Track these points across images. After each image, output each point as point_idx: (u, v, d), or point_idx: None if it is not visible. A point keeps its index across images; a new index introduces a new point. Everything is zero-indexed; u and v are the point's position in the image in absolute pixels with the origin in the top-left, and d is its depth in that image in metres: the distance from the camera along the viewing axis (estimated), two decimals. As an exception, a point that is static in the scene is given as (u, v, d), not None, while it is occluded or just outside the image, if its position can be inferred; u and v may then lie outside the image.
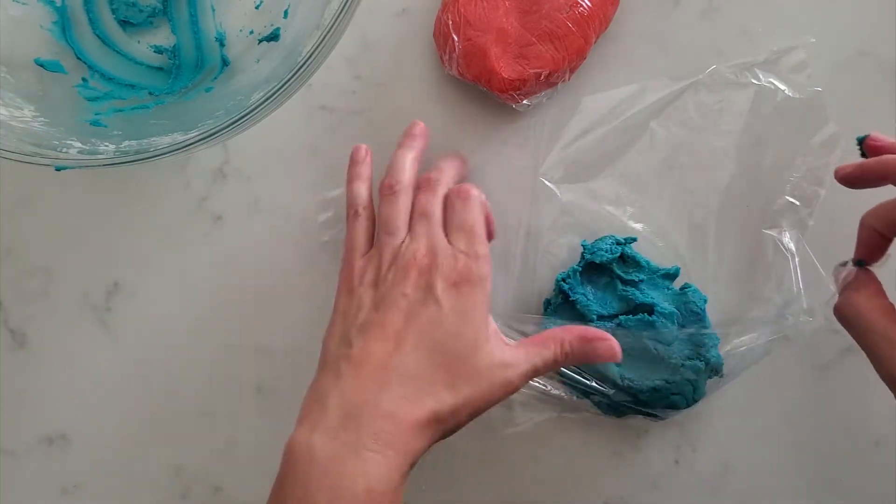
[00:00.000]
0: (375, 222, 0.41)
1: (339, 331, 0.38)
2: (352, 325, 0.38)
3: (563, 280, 0.43)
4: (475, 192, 0.40)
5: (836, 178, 0.38)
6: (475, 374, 0.36)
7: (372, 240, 0.41)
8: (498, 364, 0.36)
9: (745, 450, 0.45)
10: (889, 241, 0.37)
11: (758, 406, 0.45)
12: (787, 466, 0.44)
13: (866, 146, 0.38)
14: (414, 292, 0.37)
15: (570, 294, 0.43)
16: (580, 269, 0.43)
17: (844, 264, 0.38)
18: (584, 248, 0.44)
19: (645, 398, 0.41)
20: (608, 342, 0.38)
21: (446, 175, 0.42)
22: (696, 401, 0.42)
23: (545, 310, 0.44)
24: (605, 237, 0.44)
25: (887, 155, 0.36)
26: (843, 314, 0.37)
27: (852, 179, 0.37)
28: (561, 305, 0.43)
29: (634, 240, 0.44)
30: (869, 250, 0.37)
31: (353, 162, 0.42)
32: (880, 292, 0.36)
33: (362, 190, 0.42)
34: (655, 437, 0.45)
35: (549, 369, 0.38)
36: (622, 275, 0.43)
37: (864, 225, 0.37)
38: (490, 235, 0.41)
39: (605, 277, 0.44)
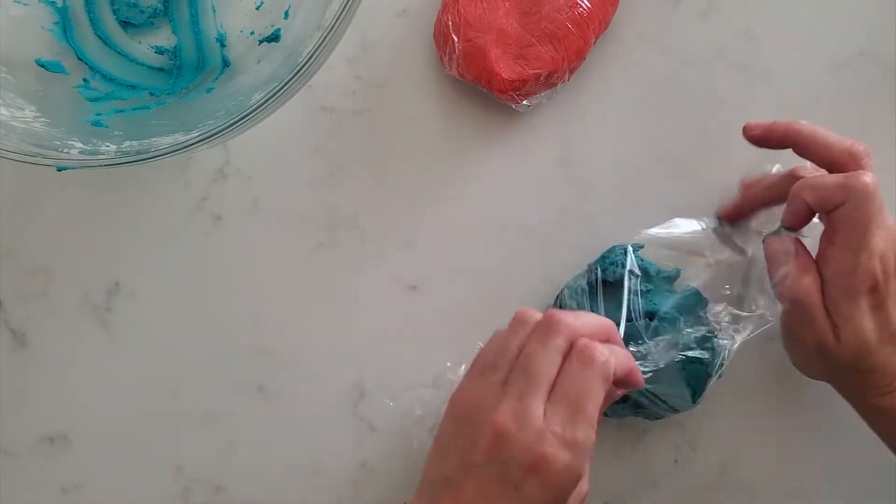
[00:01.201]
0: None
1: (435, 461, 0.34)
2: (443, 463, 0.34)
3: (570, 297, 0.42)
4: (603, 356, 0.33)
5: (744, 136, 0.41)
6: None
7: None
8: None
9: (745, 450, 0.45)
10: (815, 213, 0.39)
11: (758, 406, 0.45)
12: (787, 466, 0.44)
13: (746, 138, 0.41)
14: (486, 462, 0.32)
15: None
16: (590, 286, 0.42)
17: (776, 232, 0.40)
18: (595, 268, 0.43)
19: (646, 402, 0.41)
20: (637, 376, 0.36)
21: (580, 321, 0.34)
22: (696, 402, 0.42)
23: None
24: (613, 249, 0.43)
25: (794, 123, 0.39)
26: (787, 293, 0.39)
27: (757, 139, 0.41)
28: None
29: (641, 247, 0.44)
30: (798, 219, 0.39)
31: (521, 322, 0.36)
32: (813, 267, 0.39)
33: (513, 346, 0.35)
34: (655, 437, 0.45)
35: None
36: (633, 287, 0.42)
37: (796, 196, 0.38)
38: (609, 400, 0.35)
39: (610, 287, 0.43)
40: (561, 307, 0.43)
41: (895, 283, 0.37)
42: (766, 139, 0.41)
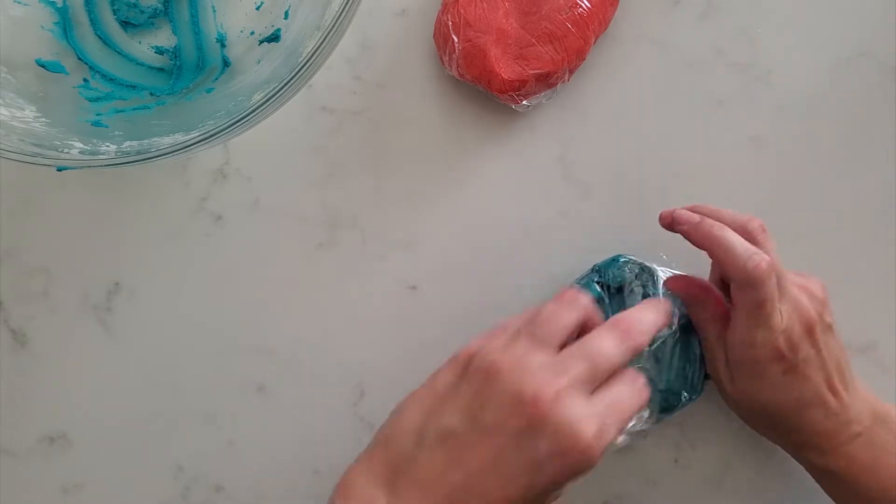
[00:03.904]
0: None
1: (422, 411, 0.35)
2: (437, 414, 0.34)
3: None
4: (646, 399, 0.34)
5: (660, 223, 0.41)
6: None
7: None
8: None
9: (745, 449, 0.45)
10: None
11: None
12: (787, 466, 0.44)
13: (662, 225, 0.41)
14: (514, 434, 0.32)
15: None
16: (599, 290, 0.42)
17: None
18: (599, 272, 0.43)
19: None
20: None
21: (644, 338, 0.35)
22: (692, 400, 0.42)
23: None
24: (617, 259, 0.43)
25: (701, 225, 0.39)
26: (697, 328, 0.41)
27: (666, 227, 0.41)
28: None
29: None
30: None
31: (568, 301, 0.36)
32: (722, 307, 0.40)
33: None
34: (655, 436, 0.45)
35: None
36: (636, 290, 0.42)
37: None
38: None
39: (617, 293, 0.43)
40: None
41: (808, 351, 0.37)
42: (671, 228, 0.40)
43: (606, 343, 0.33)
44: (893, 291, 0.45)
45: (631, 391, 0.33)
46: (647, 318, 0.35)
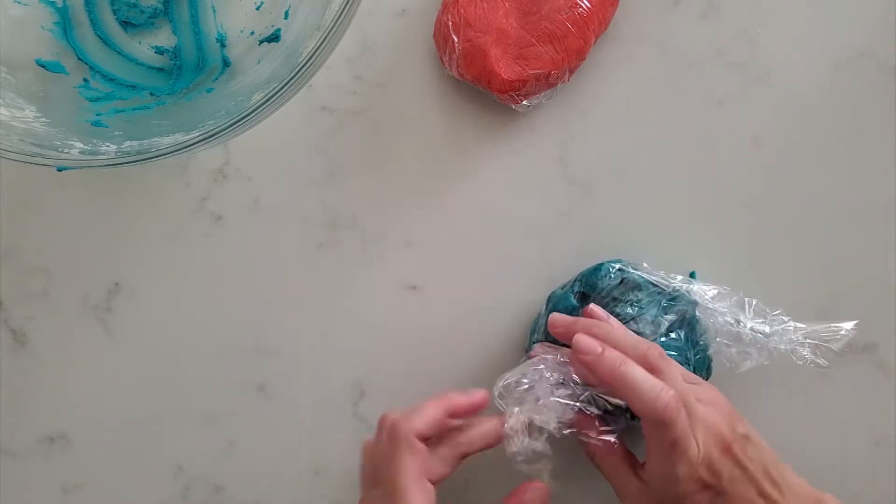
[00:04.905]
0: None
1: None
2: None
3: (556, 309, 0.42)
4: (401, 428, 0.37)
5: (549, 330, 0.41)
6: None
7: None
8: None
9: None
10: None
11: (755, 406, 0.45)
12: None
13: (554, 334, 0.40)
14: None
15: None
16: (576, 300, 0.42)
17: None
18: (581, 281, 0.43)
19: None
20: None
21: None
22: None
23: (533, 329, 0.44)
24: (600, 267, 0.43)
25: (585, 342, 0.38)
26: (588, 458, 0.40)
27: (559, 336, 0.40)
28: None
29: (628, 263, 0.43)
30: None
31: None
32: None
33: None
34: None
35: None
36: (619, 297, 0.42)
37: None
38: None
39: (599, 300, 0.42)
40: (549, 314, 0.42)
41: (731, 471, 0.36)
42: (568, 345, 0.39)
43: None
44: (893, 292, 0.45)
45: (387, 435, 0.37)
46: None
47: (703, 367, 0.42)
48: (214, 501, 0.45)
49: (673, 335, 0.41)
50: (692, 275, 0.45)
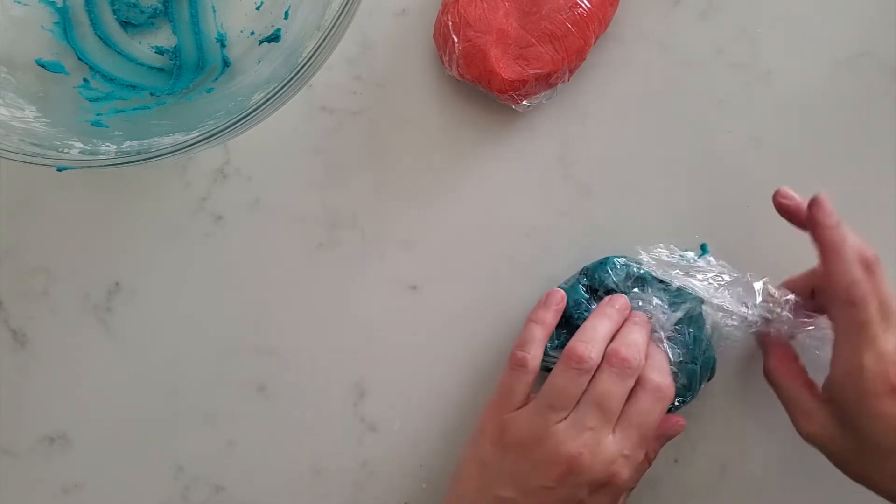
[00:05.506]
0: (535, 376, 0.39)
1: (478, 482, 0.38)
2: (491, 486, 0.38)
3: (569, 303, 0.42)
4: (671, 393, 0.39)
5: (774, 201, 0.40)
6: None
7: (529, 394, 0.39)
8: None
9: (745, 449, 0.45)
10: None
11: (758, 406, 0.45)
12: (787, 466, 0.44)
13: (775, 203, 0.40)
14: (559, 487, 0.37)
15: (574, 316, 0.42)
16: (584, 293, 0.42)
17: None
18: (586, 274, 0.43)
19: None
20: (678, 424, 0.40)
21: (650, 362, 0.39)
22: (686, 402, 0.42)
23: None
24: (606, 261, 0.43)
25: (824, 218, 0.38)
26: (766, 377, 0.41)
27: (784, 212, 0.40)
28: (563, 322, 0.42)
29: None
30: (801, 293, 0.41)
31: (544, 305, 0.41)
32: (788, 356, 0.40)
33: (538, 335, 0.40)
34: (655, 436, 0.45)
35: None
36: (626, 291, 0.42)
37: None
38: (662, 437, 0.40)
39: (601, 293, 0.43)
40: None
41: None
42: (792, 217, 0.40)
43: (608, 384, 0.38)
44: (894, 292, 0.45)
45: (652, 399, 0.38)
46: (637, 339, 0.39)
47: (708, 367, 0.42)
48: (214, 501, 0.45)
49: (679, 333, 0.41)
50: (703, 247, 0.45)
